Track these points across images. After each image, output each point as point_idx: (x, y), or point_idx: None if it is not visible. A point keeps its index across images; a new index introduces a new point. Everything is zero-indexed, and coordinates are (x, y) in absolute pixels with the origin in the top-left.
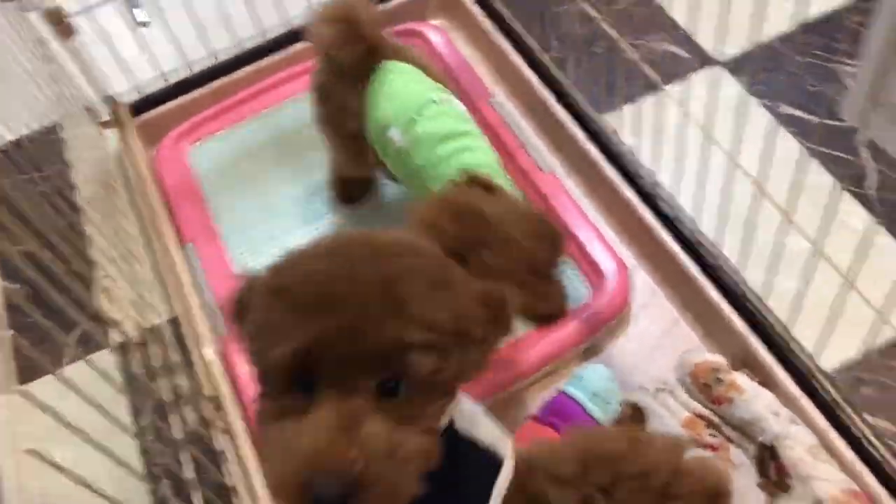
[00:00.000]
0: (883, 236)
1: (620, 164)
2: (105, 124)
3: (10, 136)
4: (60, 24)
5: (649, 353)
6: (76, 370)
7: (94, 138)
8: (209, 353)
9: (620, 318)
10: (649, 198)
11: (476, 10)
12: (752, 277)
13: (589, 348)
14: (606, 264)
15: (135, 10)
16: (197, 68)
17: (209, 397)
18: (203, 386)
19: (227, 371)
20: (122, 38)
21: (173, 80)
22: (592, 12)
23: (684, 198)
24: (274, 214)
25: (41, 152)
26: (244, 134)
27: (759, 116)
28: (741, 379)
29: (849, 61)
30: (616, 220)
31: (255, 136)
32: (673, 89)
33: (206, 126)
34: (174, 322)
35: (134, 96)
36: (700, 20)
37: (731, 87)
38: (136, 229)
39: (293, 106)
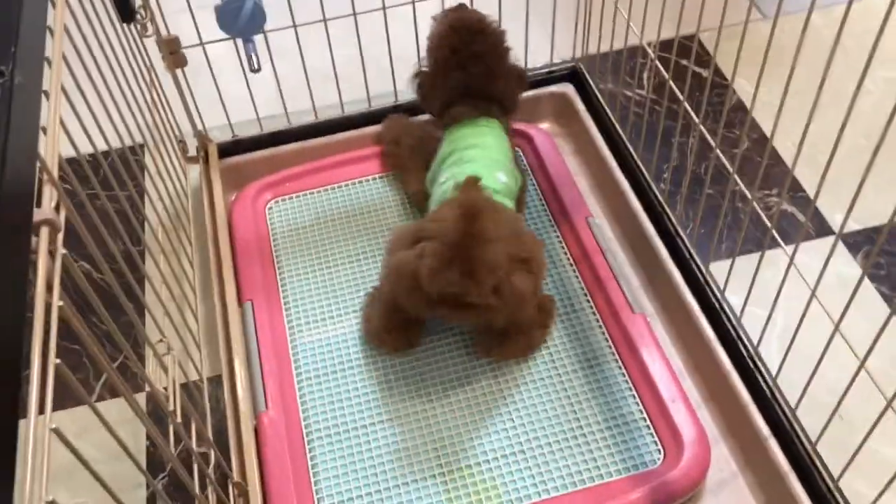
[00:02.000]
0: None
1: (719, 322)
2: (191, 159)
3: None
4: (175, 53)
5: None
6: (104, 407)
7: (176, 170)
8: (247, 428)
9: (692, 496)
10: (746, 369)
11: (589, 121)
12: (852, 487)
13: None
14: (686, 430)
15: (251, 56)
16: (296, 122)
17: (235, 483)
18: (232, 469)
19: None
20: (228, 75)
21: (269, 129)
22: (714, 151)
23: (785, 375)
24: (337, 292)
25: (119, 171)
26: (325, 200)
27: (872, 301)
28: None
29: None
30: (704, 381)
31: (336, 205)
32: (783, 251)
33: (291, 183)
34: (215, 381)
35: (226, 136)
36: (825, 186)
37: (846, 265)
38: (197, 274)
39: (382, 182)
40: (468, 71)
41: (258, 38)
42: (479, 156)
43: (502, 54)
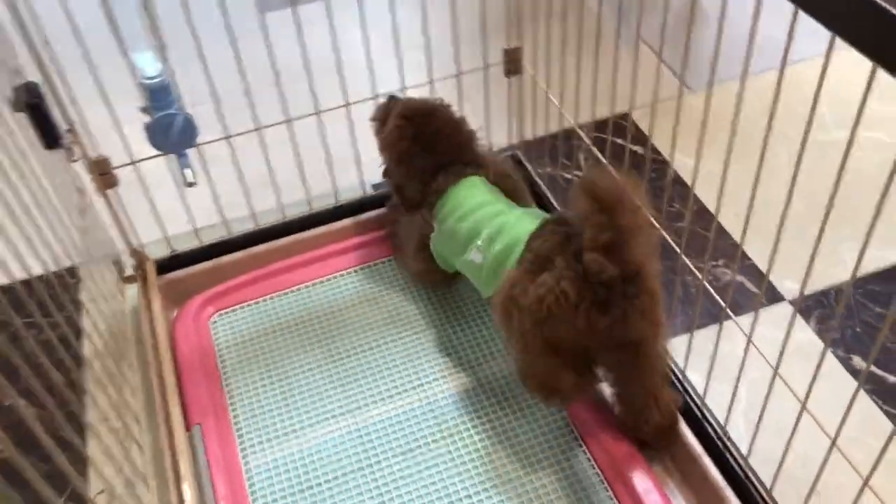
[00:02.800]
0: None
1: (686, 404)
2: (128, 279)
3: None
4: (105, 174)
5: None
6: None
7: (114, 291)
8: None
9: None
10: (716, 450)
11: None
12: None
13: None
14: None
15: (185, 171)
16: (236, 230)
17: None
18: None
19: None
20: (163, 189)
21: (208, 240)
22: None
23: (756, 449)
24: (295, 405)
25: (54, 296)
26: (272, 309)
27: (832, 366)
28: None
29: None
30: (676, 466)
31: (285, 312)
32: (739, 322)
33: (234, 294)
34: None
35: (164, 251)
36: (775, 256)
37: (800, 330)
38: (141, 400)
39: (330, 284)
40: (435, 150)
41: (191, 151)
42: (503, 208)
43: (458, 122)
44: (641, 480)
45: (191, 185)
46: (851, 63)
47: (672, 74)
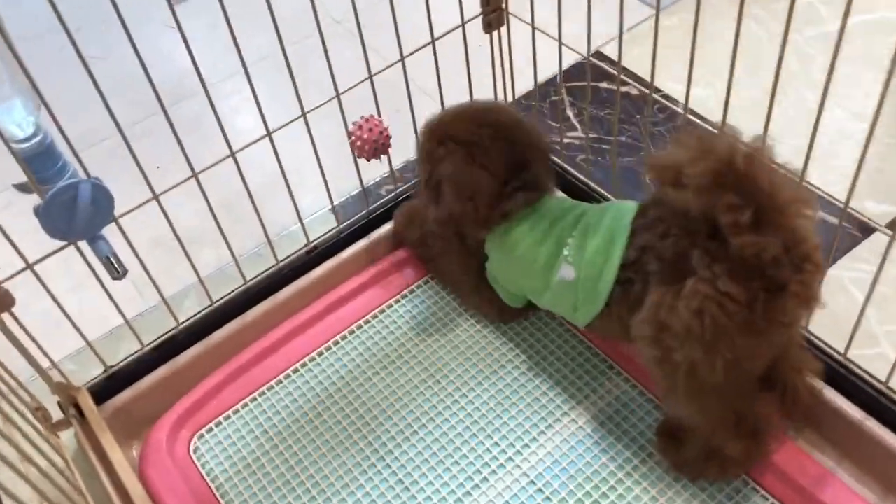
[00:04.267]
0: None
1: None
2: (58, 425)
3: None
4: None
5: None
6: None
7: (41, 446)
8: None
9: None
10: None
11: None
12: None
13: None
14: None
15: (107, 258)
16: (184, 313)
17: None
18: None
19: None
20: (75, 291)
21: (150, 338)
22: None
23: None
24: None
25: None
26: (271, 406)
27: None
28: None
29: None
30: None
31: (288, 406)
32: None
33: (210, 404)
34: None
35: (96, 371)
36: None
37: None
38: None
39: (333, 356)
40: (504, 170)
41: (111, 229)
42: (583, 208)
43: (530, 132)
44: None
45: (120, 275)
46: None
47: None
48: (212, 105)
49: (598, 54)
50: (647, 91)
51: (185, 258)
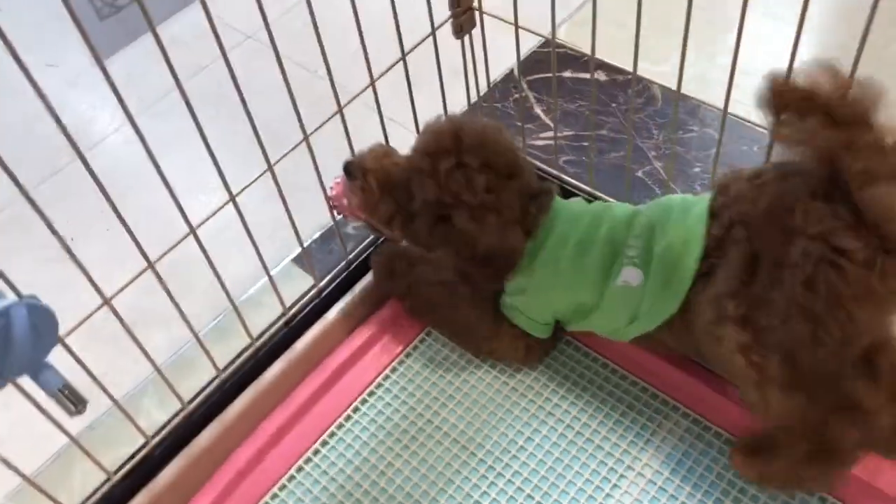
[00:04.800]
0: None
1: None
2: None
3: None
4: None
5: None
6: None
7: None
8: None
9: None
10: None
11: None
12: None
13: None
14: None
15: (59, 391)
16: (154, 425)
17: None
18: None
19: None
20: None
21: (119, 460)
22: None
23: None
24: None
25: None
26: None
27: None
28: None
29: None
30: None
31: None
32: None
33: None
34: None
35: None
36: None
37: None
38: None
39: (333, 449)
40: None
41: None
42: (626, 208)
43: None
44: None
45: (78, 409)
46: None
47: None
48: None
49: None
50: (617, 76)
51: (132, 346)
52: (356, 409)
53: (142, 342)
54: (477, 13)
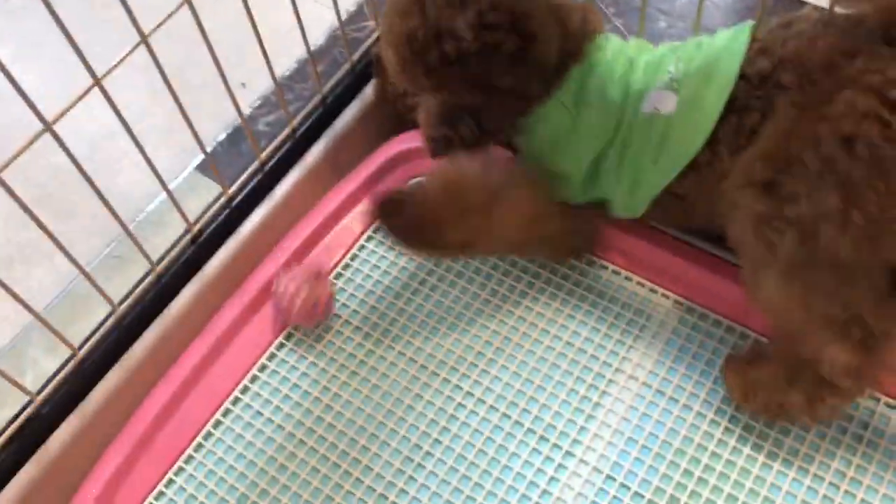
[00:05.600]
0: None
1: None
2: None
3: None
4: None
5: None
6: None
7: None
8: None
9: None
10: None
11: None
12: None
13: None
14: None
15: None
16: (33, 382)
17: None
18: None
19: None
20: None
21: None
22: None
23: None
24: None
25: None
26: (211, 465)
27: None
28: None
29: None
30: None
31: (234, 459)
32: None
33: (118, 496)
34: None
35: None
36: None
37: None
38: None
39: (275, 373)
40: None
41: None
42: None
43: None
44: None
45: None
46: None
47: None
48: None
49: None
50: None
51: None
52: (289, 336)
53: (22, 282)
54: None
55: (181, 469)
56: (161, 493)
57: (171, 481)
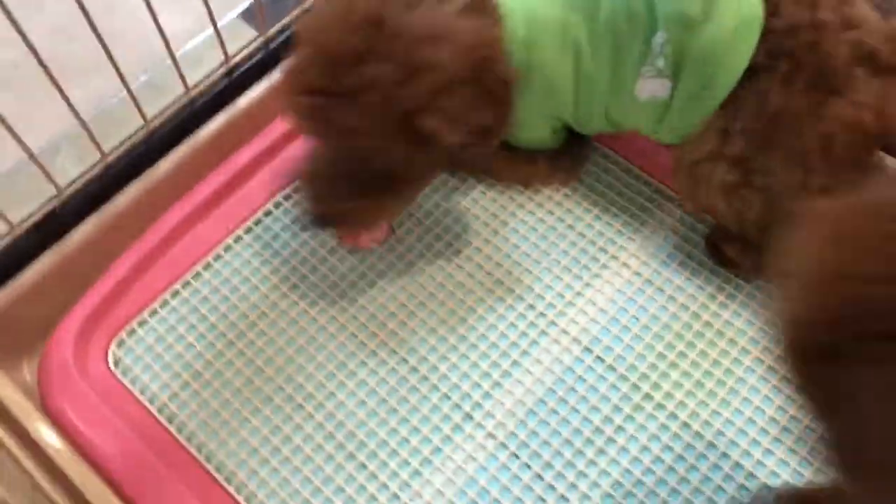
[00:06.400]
0: None
1: None
2: None
3: None
4: None
5: None
6: None
7: None
8: None
9: None
10: None
11: None
12: None
13: None
14: None
15: None
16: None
17: None
18: None
19: None
20: None
21: (19, 218)
22: None
23: None
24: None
25: None
26: (205, 292)
27: None
28: None
29: None
30: None
31: (228, 290)
32: None
33: (124, 300)
34: None
35: None
36: None
37: None
38: None
39: (282, 214)
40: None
41: None
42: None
43: None
44: None
45: None
46: None
47: None
48: None
49: None
50: None
51: (48, 96)
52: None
53: (58, 96)
54: None
55: (178, 292)
56: (155, 311)
57: (166, 302)
